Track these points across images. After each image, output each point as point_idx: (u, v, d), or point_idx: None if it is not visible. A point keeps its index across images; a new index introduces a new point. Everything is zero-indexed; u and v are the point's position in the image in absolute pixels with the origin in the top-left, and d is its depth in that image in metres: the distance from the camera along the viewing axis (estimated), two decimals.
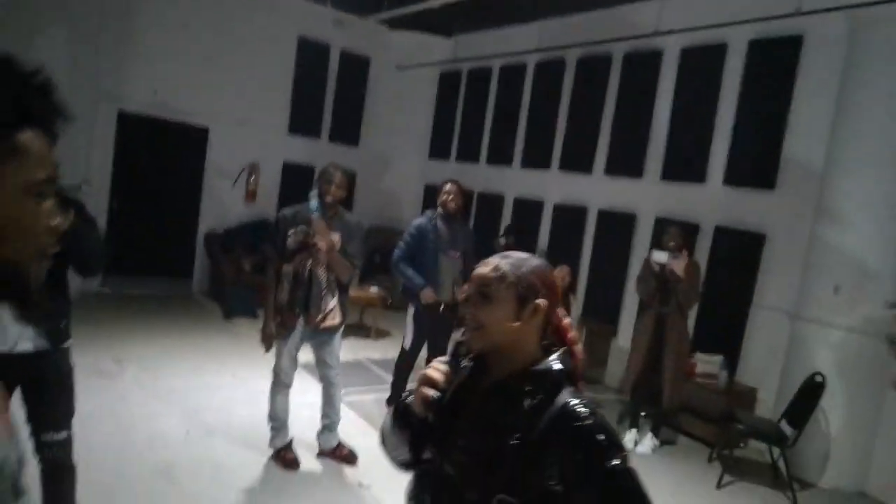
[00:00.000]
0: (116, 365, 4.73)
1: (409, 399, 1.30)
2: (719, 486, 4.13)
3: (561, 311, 1.32)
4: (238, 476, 3.41)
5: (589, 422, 1.16)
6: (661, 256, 4.36)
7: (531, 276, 1.25)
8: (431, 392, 1.23)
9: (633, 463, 1.15)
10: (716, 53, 5.49)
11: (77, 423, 2.40)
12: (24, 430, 2.29)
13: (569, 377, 1.23)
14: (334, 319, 3.58)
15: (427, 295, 4.16)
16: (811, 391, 4.14)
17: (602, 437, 1.15)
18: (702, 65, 5.64)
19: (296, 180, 8.11)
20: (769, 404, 4.75)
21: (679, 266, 4.30)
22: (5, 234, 0.69)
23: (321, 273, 3.47)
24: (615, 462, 1.13)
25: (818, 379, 4.13)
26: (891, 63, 4.18)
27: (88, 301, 6.19)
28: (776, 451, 4.35)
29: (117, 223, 6.93)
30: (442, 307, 4.26)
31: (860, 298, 4.28)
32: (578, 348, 1.31)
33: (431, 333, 4.35)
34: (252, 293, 6.67)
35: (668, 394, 4.48)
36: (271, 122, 7.95)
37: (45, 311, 2.17)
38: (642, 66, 6.13)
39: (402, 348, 4.39)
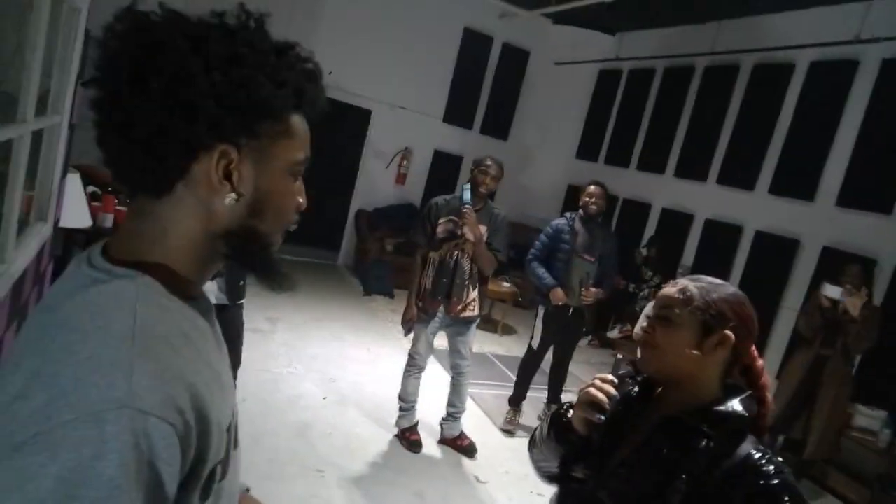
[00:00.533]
0: (269, 324, 5.21)
1: (570, 414, 1.24)
2: None
3: (754, 351, 1.22)
4: (365, 448, 3.64)
5: (775, 482, 1.04)
6: (833, 292, 3.97)
7: (722, 303, 1.15)
8: (597, 417, 1.16)
9: None
10: None
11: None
12: None
13: (754, 425, 1.13)
14: (473, 310, 3.67)
15: (557, 295, 4.10)
16: None
17: (787, 498, 1.03)
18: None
19: (444, 168, 8.38)
20: None
21: (855, 305, 3.88)
22: (265, 209, 0.73)
23: (466, 263, 3.58)
24: None
25: None
26: None
27: None
28: None
29: None
30: (571, 311, 4.20)
31: None
32: (769, 396, 1.19)
33: (558, 336, 4.31)
34: (391, 273, 7.01)
35: (816, 443, 4.09)
36: (428, 110, 8.22)
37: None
38: (827, 77, 5.55)
39: (530, 347, 4.39)
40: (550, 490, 1.35)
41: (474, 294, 3.65)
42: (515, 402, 4.41)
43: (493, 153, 3.98)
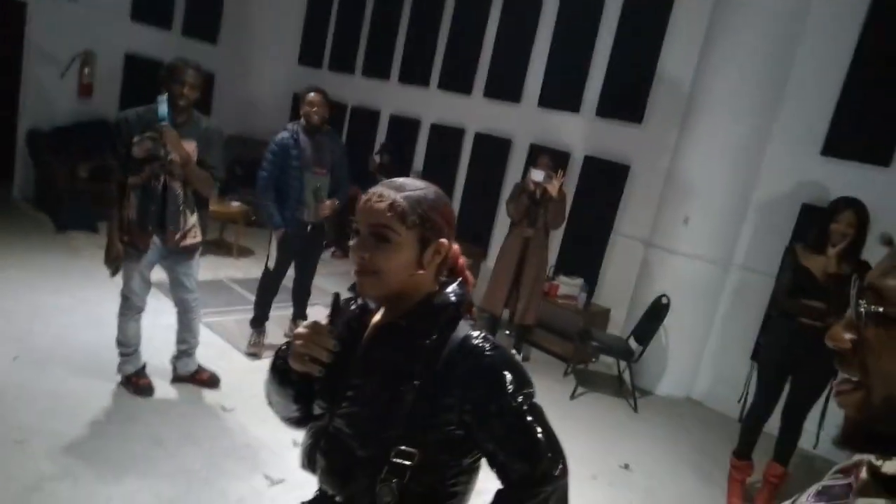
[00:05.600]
0: None
1: (287, 356, 1.14)
2: (573, 396, 4.48)
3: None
4: (80, 405, 3.06)
5: (491, 356, 1.07)
6: (538, 175, 4.51)
7: (433, 213, 1.11)
8: (318, 370, 1.09)
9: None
10: None
11: None
12: None
13: (465, 309, 1.14)
14: (195, 237, 3.23)
15: (280, 236, 3.92)
16: (657, 311, 4.56)
17: (507, 372, 1.06)
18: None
19: (142, 76, 7.09)
20: (621, 323, 5.17)
21: (554, 186, 4.47)
22: None
23: (177, 186, 3.07)
24: (519, 397, 1.05)
25: (664, 300, 4.54)
26: (756, 12, 4.42)
27: None
28: (623, 364, 4.77)
29: None
30: (309, 227, 4.02)
31: (704, 229, 4.70)
32: (470, 275, 1.21)
33: (299, 254, 4.12)
34: (90, 203, 5.89)
35: (522, 309, 4.73)
36: (109, 4, 6.81)
37: None
38: None
39: (266, 268, 4.11)
40: None
41: (193, 219, 3.20)
42: (258, 323, 4.15)
43: (201, 58, 3.43)
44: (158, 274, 3.34)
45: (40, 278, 4.55)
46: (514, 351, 4.84)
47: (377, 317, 1.19)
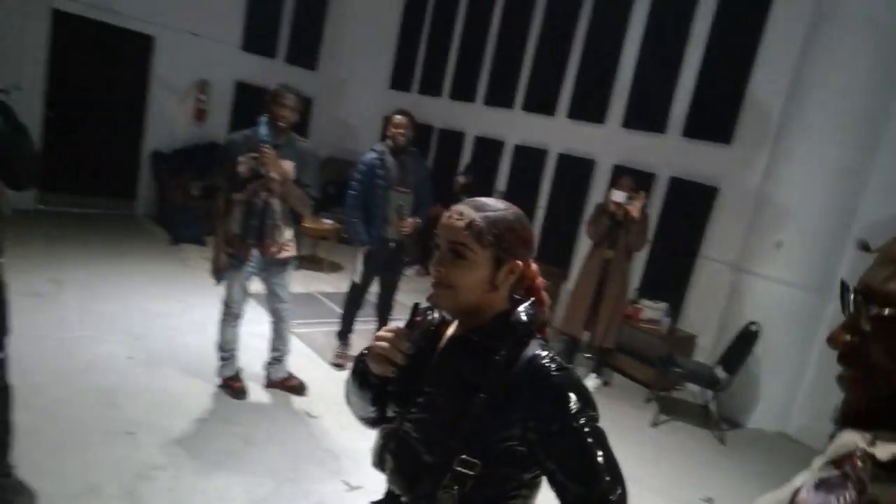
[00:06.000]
0: (53, 286, 4.52)
1: (367, 359, 1.21)
2: (654, 424, 4.35)
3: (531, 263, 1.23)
4: (183, 403, 3.36)
5: (557, 376, 1.09)
6: (619, 196, 4.47)
7: (509, 234, 1.14)
8: (392, 371, 1.16)
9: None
10: None
11: (11, 343, 2.28)
12: None
13: (537, 329, 1.17)
14: (290, 251, 3.48)
15: (365, 252, 4.14)
16: (747, 339, 4.36)
17: (572, 393, 1.08)
18: (672, 9, 5.56)
19: (250, 101, 7.72)
20: (707, 350, 4.98)
21: (636, 207, 4.41)
22: None
23: (275, 203, 3.34)
24: (581, 419, 1.06)
25: (753, 328, 4.34)
26: (858, 28, 4.20)
27: (24, 219, 5.86)
28: (709, 393, 4.59)
29: (53, 135, 6.47)
30: (392, 244, 4.20)
31: (799, 254, 4.46)
32: (545, 296, 1.24)
33: (382, 270, 4.31)
34: (201, 219, 6.44)
35: (602, 332, 4.66)
36: (223, 37, 7.46)
37: None
38: (612, 3, 6.00)
39: (353, 282, 4.34)
40: None
41: (289, 234, 3.46)
42: (343, 335, 4.37)
43: (301, 84, 3.73)
44: (257, 285, 3.62)
45: (154, 286, 5.03)
46: (593, 375, 4.79)
47: (452, 328, 1.23)
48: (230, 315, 3.50)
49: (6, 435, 2.32)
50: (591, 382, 4.76)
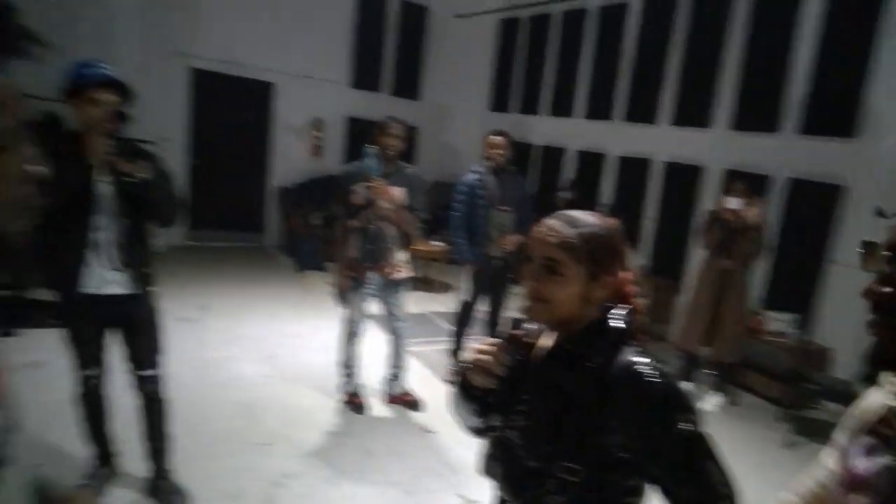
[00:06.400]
0: (199, 312, 5.07)
1: (468, 372, 1.24)
2: (787, 446, 4.07)
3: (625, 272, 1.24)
4: (310, 417, 3.65)
5: (656, 381, 1.07)
6: (733, 202, 4.26)
7: (603, 250, 1.16)
8: (492, 382, 1.20)
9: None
10: None
11: (167, 362, 2.64)
12: (121, 368, 2.54)
13: (631, 335, 1.17)
14: (402, 273, 3.70)
15: (471, 269, 4.28)
16: None
17: (671, 397, 1.07)
18: (776, 6, 5.27)
19: (359, 134, 8.23)
20: (847, 364, 4.58)
21: (752, 213, 4.20)
22: None
23: (388, 228, 3.57)
24: (686, 425, 1.05)
25: None
26: None
27: (176, 253, 6.62)
28: None
29: (198, 178, 7.26)
30: (495, 262, 4.30)
31: None
32: (639, 302, 1.23)
33: (489, 287, 4.42)
34: (321, 247, 6.92)
35: (722, 346, 4.43)
36: (333, 77, 8.03)
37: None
38: (711, 5, 5.79)
39: (460, 301, 4.49)
40: None
41: (402, 256, 3.68)
42: (455, 353, 4.51)
43: (406, 114, 3.98)
44: (375, 306, 3.85)
45: (284, 310, 5.48)
46: (716, 392, 4.57)
47: (548, 338, 1.25)
48: (351, 334, 3.75)
49: (165, 442, 2.67)
50: (713, 401, 4.54)
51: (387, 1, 8.23)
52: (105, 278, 2.38)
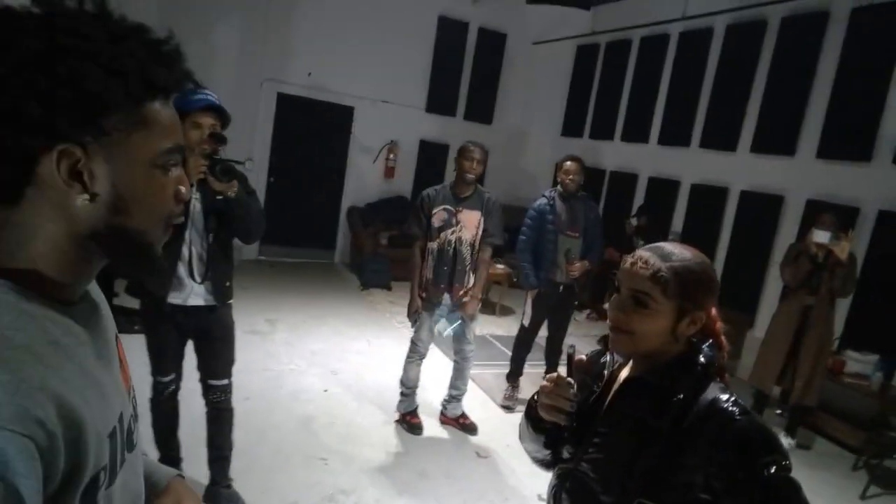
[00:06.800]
0: (269, 325, 5.32)
1: (538, 407, 1.23)
2: (864, 496, 3.80)
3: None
4: (367, 434, 3.74)
5: (741, 421, 1.05)
6: (822, 237, 4.01)
7: (695, 286, 1.13)
8: (563, 421, 1.18)
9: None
10: (892, 11, 4.83)
11: (235, 373, 2.78)
12: (195, 376, 2.72)
13: (718, 372, 1.15)
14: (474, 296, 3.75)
15: (534, 296, 4.27)
16: None
17: (757, 438, 1.04)
18: (874, 26, 5.01)
19: (431, 157, 8.45)
20: None
21: (843, 248, 3.95)
22: (129, 206, 0.69)
23: (464, 250, 3.65)
24: (772, 468, 1.00)
25: None
26: None
27: (249, 267, 6.99)
28: None
29: (273, 196, 7.66)
30: (561, 288, 4.28)
31: None
32: (725, 340, 1.21)
33: (551, 312, 4.39)
34: (387, 266, 7.10)
35: (802, 388, 4.19)
36: (410, 101, 8.28)
37: (163, 282, 2.48)
38: (801, 31, 5.57)
39: (522, 325, 4.48)
40: None
41: (475, 279, 3.74)
42: (512, 378, 4.50)
43: (478, 138, 4.04)
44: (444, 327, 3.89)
45: (348, 326, 5.65)
46: (786, 435, 4.33)
47: (627, 369, 1.23)
48: (416, 354, 3.81)
49: (228, 451, 2.82)
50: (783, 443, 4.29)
51: (468, 28, 8.42)
52: (191, 290, 2.53)
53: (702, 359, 1.13)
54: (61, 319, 0.67)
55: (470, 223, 3.62)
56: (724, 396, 1.08)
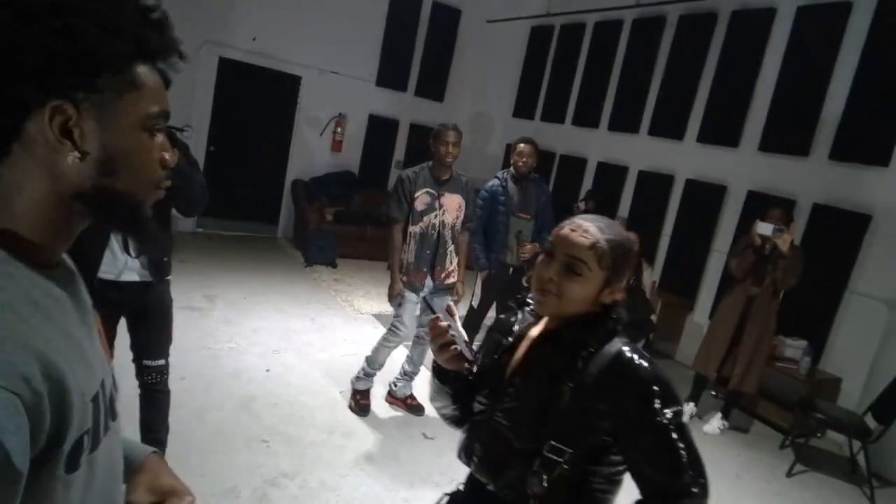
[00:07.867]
0: (207, 301, 5.09)
1: (438, 358, 1.30)
2: (790, 474, 4.00)
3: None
4: (311, 415, 3.64)
5: (644, 370, 1.15)
6: (765, 229, 4.11)
7: (625, 260, 1.22)
8: (465, 367, 1.27)
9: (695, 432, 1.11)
10: (837, 12, 5.00)
11: (171, 351, 2.62)
12: (126, 356, 2.54)
13: (623, 329, 1.24)
14: (454, 277, 3.71)
15: (484, 277, 4.26)
16: None
17: (657, 387, 1.13)
18: (819, 25, 5.17)
19: (380, 132, 8.25)
20: (854, 396, 4.49)
21: (785, 241, 4.07)
22: (119, 167, 0.69)
23: (447, 233, 3.60)
24: (668, 414, 1.11)
25: None
26: None
27: (186, 240, 6.66)
28: (857, 444, 4.13)
29: (213, 166, 7.30)
30: (511, 269, 4.27)
31: None
32: (622, 297, 1.29)
33: (501, 295, 4.38)
34: (332, 242, 6.92)
35: (740, 374, 4.34)
36: (360, 74, 8.03)
37: (157, 244, 2.33)
38: (749, 26, 5.69)
39: (471, 306, 4.46)
40: None
41: (456, 261, 3.70)
42: None
43: (429, 116, 3.95)
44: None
45: (291, 304, 5.47)
46: (720, 416, 4.49)
47: (538, 327, 1.31)
48: (395, 337, 3.69)
49: (163, 434, 2.65)
50: (714, 423, 4.46)
51: (422, 2, 8.21)
52: (125, 265, 2.35)
53: (613, 316, 1.23)
54: (41, 281, 0.67)
55: (452, 207, 3.60)
56: (629, 348, 1.17)
